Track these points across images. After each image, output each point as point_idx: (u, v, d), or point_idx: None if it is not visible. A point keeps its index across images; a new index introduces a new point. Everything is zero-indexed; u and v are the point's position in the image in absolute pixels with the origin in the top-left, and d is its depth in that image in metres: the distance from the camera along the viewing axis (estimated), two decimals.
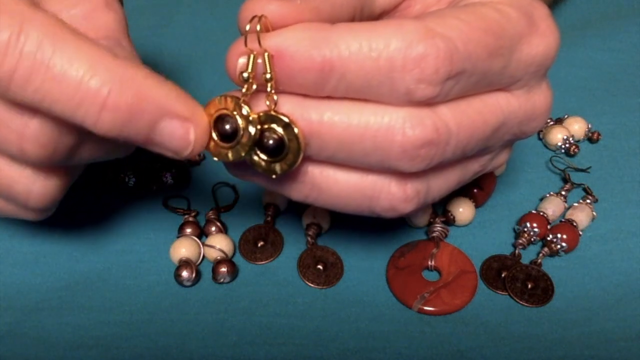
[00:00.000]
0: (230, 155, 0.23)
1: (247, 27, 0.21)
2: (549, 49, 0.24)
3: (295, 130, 0.21)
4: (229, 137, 0.22)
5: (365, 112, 0.22)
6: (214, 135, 0.23)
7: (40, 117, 0.22)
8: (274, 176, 0.23)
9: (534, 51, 0.24)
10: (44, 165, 0.24)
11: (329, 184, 0.24)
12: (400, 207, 0.24)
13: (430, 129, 0.22)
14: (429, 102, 0.22)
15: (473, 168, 0.26)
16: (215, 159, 0.23)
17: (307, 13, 0.22)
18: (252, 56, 0.21)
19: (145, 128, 0.21)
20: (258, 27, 0.21)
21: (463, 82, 0.22)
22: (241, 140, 0.22)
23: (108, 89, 0.20)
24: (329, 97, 0.22)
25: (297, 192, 0.24)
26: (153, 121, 0.21)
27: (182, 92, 0.22)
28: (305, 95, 0.22)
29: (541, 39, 0.24)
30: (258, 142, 0.22)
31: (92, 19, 0.25)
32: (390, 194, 0.24)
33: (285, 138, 0.22)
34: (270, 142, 0.22)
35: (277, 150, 0.22)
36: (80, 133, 0.22)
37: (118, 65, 0.20)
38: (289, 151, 0.22)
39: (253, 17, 0.21)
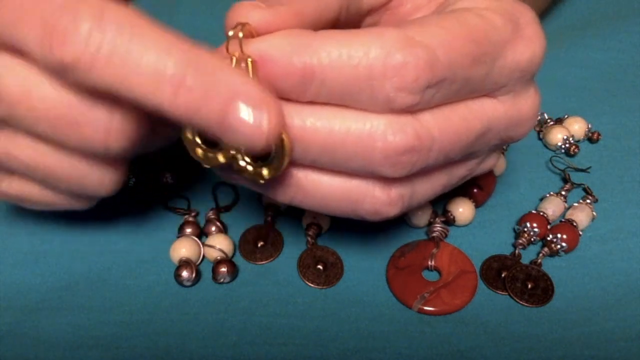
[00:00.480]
0: (221, 157, 0.22)
1: (231, 33, 0.21)
2: (534, 55, 0.24)
3: (281, 133, 0.21)
4: (215, 141, 0.22)
5: (347, 119, 0.22)
6: (199, 141, 0.23)
7: (121, 110, 0.22)
8: (262, 181, 0.23)
9: (519, 57, 0.24)
10: (120, 156, 0.24)
11: (314, 187, 0.24)
12: (384, 210, 0.24)
13: (411, 135, 0.22)
14: (410, 110, 0.22)
15: (459, 172, 0.26)
16: (206, 166, 0.23)
17: (290, 18, 0.22)
18: (234, 60, 0.21)
19: (218, 111, 0.20)
20: (241, 35, 0.21)
21: (444, 89, 0.22)
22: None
23: (183, 73, 0.20)
24: (312, 103, 0.22)
25: (283, 194, 0.24)
26: (226, 103, 0.20)
27: (255, 81, 0.21)
28: (288, 100, 0.22)
29: (527, 45, 0.24)
30: None
31: None
32: (374, 198, 0.24)
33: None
34: None
35: (264, 154, 0.22)
36: (153, 122, 0.23)
37: (191, 49, 0.20)
38: (275, 154, 0.22)
39: (236, 25, 0.21)
